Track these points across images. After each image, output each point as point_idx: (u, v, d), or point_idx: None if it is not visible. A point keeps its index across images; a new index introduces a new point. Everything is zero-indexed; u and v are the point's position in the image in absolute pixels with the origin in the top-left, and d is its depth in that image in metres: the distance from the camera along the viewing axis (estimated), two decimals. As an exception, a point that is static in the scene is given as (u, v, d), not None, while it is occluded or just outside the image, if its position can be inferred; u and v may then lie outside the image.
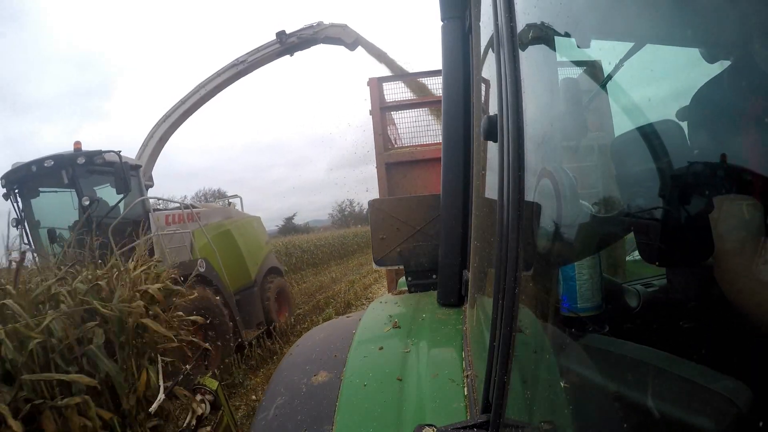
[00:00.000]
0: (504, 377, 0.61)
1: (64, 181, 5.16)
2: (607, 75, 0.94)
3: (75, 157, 5.14)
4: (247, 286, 7.13)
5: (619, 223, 0.81)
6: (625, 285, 1.04)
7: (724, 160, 0.60)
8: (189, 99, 7.88)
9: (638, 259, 0.92)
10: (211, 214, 7.11)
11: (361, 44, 7.73)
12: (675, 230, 0.67)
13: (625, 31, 0.89)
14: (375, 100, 5.02)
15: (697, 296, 0.74)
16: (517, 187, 0.59)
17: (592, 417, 0.65)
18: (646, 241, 0.77)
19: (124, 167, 5.26)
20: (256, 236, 8.05)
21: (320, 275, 15.78)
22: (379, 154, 4.93)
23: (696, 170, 0.65)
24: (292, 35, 7.86)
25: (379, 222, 1.84)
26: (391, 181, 4.92)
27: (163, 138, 7.74)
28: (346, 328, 1.45)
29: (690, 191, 0.65)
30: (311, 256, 19.16)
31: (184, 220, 6.19)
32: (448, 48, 1.46)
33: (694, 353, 0.58)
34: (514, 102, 0.60)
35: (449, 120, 1.49)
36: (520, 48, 0.65)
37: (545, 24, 0.74)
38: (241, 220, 7.80)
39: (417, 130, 5.25)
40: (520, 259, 0.59)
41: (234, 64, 7.97)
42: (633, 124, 0.85)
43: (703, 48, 0.82)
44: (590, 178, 0.96)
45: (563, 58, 0.89)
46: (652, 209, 0.72)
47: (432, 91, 5.30)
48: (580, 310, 0.82)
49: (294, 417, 1.05)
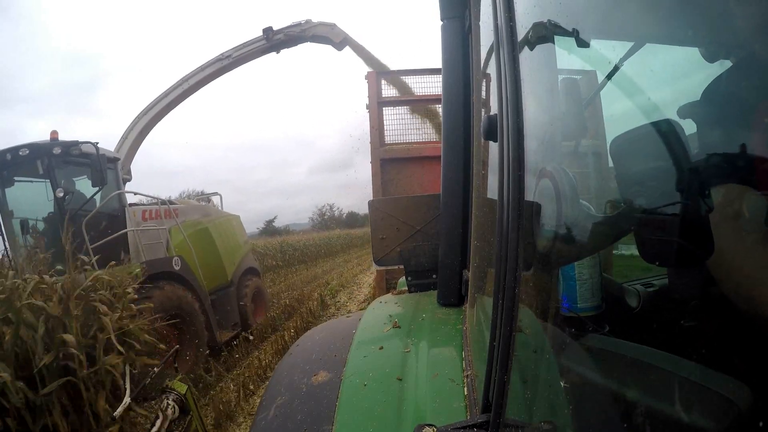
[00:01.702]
0: (504, 377, 0.61)
1: (39, 171, 5.00)
2: (607, 75, 0.94)
3: (51, 147, 4.98)
4: (223, 286, 7.02)
5: (619, 223, 0.81)
6: (625, 285, 1.04)
7: (724, 159, 0.60)
8: (172, 92, 7.77)
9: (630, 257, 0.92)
10: (189, 211, 6.99)
11: (348, 44, 7.62)
12: (675, 230, 0.67)
13: (625, 31, 0.89)
14: (373, 95, 4.96)
15: (697, 296, 0.74)
16: (517, 187, 0.59)
17: (592, 417, 0.65)
18: (646, 241, 0.77)
19: (101, 159, 5.09)
20: (234, 235, 7.92)
21: (311, 269, 18.13)
22: (374, 149, 4.87)
23: (696, 169, 0.65)
24: (279, 32, 7.75)
25: (379, 222, 1.84)
26: (385, 177, 4.87)
27: (144, 131, 7.62)
28: (346, 328, 1.45)
29: (690, 191, 0.65)
30: (302, 254, 21.33)
31: (161, 216, 6.07)
32: (448, 48, 1.46)
33: (694, 353, 0.58)
34: (514, 102, 0.60)
35: (449, 119, 1.49)
36: (520, 48, 0.65)
37: (545, 24, 0.74)
38: (219, 218, 7.68)
39: (404, 128, 5.17)
40: (520, 259, 0.59)
41: (219, 58, 7.85)
42: (633, 124, 0.85)
43: (703, 47, 0.82)
44: (587, 181, 0.96)
45: (562, 60, 0.89)
46: (651, 209, 0.72)
47: (414, 90, 5.24)
48: (580, 310, 0.82)
49: (294, 417, 1.05)
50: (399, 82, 5.30)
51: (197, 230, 6.74)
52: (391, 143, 5.07)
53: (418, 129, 5.16)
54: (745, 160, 0.56)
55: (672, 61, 0.86)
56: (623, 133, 0.82)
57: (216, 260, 6.95)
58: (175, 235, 6.12)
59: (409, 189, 4.84)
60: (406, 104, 5.17)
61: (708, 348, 0.57)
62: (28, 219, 5.14)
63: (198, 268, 6.11)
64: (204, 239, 6.79)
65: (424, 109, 5.19)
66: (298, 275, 16.04)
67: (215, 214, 7.72)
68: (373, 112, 4.95)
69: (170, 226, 6.09)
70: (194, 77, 7.85)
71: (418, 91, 5.29)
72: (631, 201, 0.80)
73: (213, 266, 6.80)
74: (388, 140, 5.08)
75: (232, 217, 8.24)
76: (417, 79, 5.31)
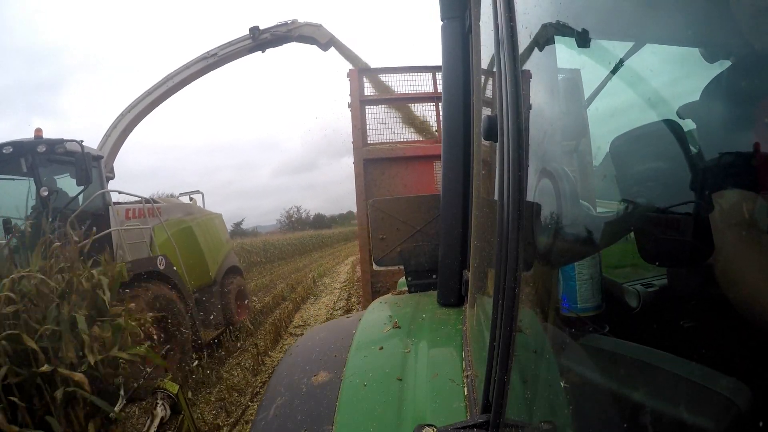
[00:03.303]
0: (504, 377, 0.61)
1: (23, 169, 4.91)
2: (608, 74, 0.94)
3: (35, 145, 4.85)
4: (206, 285, 6.99)
5: (619, 223, 0.81)
6: (625, 285, 1.04)
7: (724, 159, 0.60)
8: (155, 90, 7.69)
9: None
10: (172, 209, 6.91)
11: (334, 45, 7.56)
12: (675, 230, 0.67)
13: (625, 31, 0.89)
14: (355, 93, 4.79)
15: (697, 296, 0.74)
16: (517, 187, 0.59)
17: (592, 417, 0.65)
18: (646, 241, 0.77)
19: (86, 158, 4.99)
20: (217, 234, 7.89)
21: (292, 264, 21.35)
22: (357, 149, 4.71)
23: (696, 169, 0.65)
24: (265, 31, 7.70)
25: (379, 222, 1.84)
26: (368, 178, 4.70)
27: (127, 129, 7.56)
28: (346, 328, 1.45)
29: (690, 191, 0.65)
30: (281, 252, 24.55)
31: (144, 215, 6.00)
32: (447, 48, 1.46)
33: (694, 353, 0.58)
34: (514, 102, 0.60)
35: (449, 120, 1.49)
36: (520, 48, 0.65)
37: (545, 24, 0.74)
38: (202, 217, 7.63)
39: (387, 127, 5.00)
40: (520, 259, 0.59)
41: (204, 57, 7.79)
42: (633, 124, 0.85)
43: (703, 47, 0.82)
44: (586, 180, 0.96)
45: (562, 60, 0.89)
46: (651, 209, 0.72)
47: (396, 89, 5.05)
48: (580, 310, 0.82)
49: (294, 417, 1.05)
50: (378, 82, 5.11)
51: (181, 229, 6.66)
52: (374, 143, 4.91)
53: (402, 128, 4.99)
54: (745, 160, 0.56)
55: (672, 61, 0.86)
56: (623, 133, 0.82)
57: (199, 259, 6.91)
58: (159, 234, 6.06)
59: (393, 190, 4.68)
60: (390, 103, 4.97)
61: (708, 348, 0.57)
62: (11, 218, 4.97)
63: (182, 267, 6.05)
64: (187, 238, 6.73)
65: (407, 108, 5.03)
66: (283, 269, 19.08)
67: (198, 213, 7.66)
68: (356, 111, 4.76)
69: (154, 225, 6.03)
70: (178, 75, 7.76)
71: (402, 90, 5.07)
72: (630, 201, 0.80)
73: (196, 265, 6.72)
74: (371, 140, 4.92)
75: (214, 216, 8.18)
76: (400, 78, 5.07)
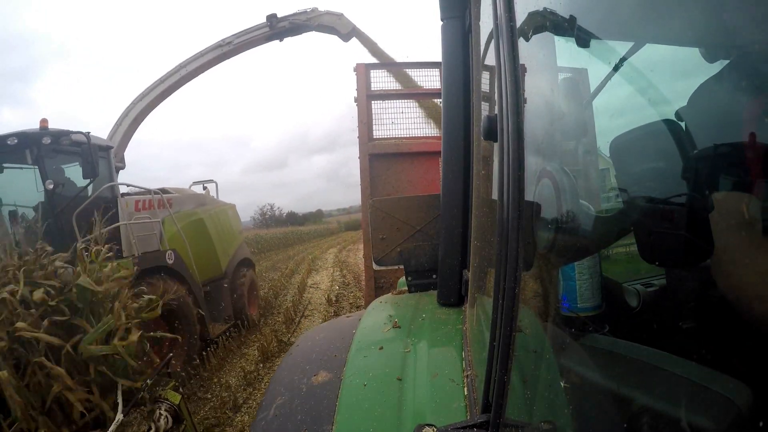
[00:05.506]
0: (504, 377, 0.61)
1: (28, 161, 4.81)
2: (608, 74, 0.94)
3: (40, 137, 4.76)
4: (216, 278, 6.82)
5: (619, 223, 0.81)
6: (625, 285, 1.04)
7: (723, 160, 0.60)
8: (168, 78, 7.50)
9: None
10: (184, 200, 6.70)
11: (356, 36, 7.37)
12: (675, 230, 0.67)
13: (625, 31, 0.89)
14: (361, 88, 4.76)
15: (697, 296, 0.74)
16: (517, 187, 0.59)
17: (592, 417, 0.65)
18: (646, 241, 0.77)
19: (92, 150, 4.87)
20: (230, 225, 7.68)
21: (282, 254, 24.80)
22: (363, 144, 4.68)
23: (695, 169, 0.65)
24: (283, 19, 7.49)
25: (379, 222, 1.84)
26: (374, 173, 4.68)
27: (138, 118, 7.39)
28: (346, 328, 1.45)
29: (689, 191, 0.65)
30: (269, 244, 29.01)
31: (154, 207, 5.81)
32: (447, 48, 1.46)
33: (694, 353, 0.58)
34: (514, 102, 0.60)
35: (449, 120, 1.49)
36: (520, 48, 0.65)
37: (545, 24, 0.74)
38: (215, 208, 7.43)
39: (393, 122, 4.94)
40: (520, 259, 0.59)
41: (219, 45, 7.57)
42: (633, 124, 0.85)
43: (703, 47, 0.82)
44: (583, 181, 0.96)
45: (562, 60, 0.89)
46: (651, 209, 0.72)
47: (417, 82, 4.98)
48: (580, 310, 0.82)
49: (294, 417, 1.05)
50: (404, 76, 5.02)
51: (191, 221, 6.49)
52: (380, 138, 4.86)
53: (408, 124, 4.94)
54: (741, 159, 0.56)
55: (672, 61, 0.86)
56: (623, 133, 0.82)
57: (210, 252, 6.74)
58: (169, 227, 5.91)
59: (398, 185, 4.67)
60: (397, 98, 4.91)
61: (708, 348, 0.57)
62: (18, 209, 4.95)
63: (192, 261, 5.94)
64: (198, 230, 6.55)
65: (417, 103, 4.96)
66: (276, 258, 22.53)
67: (211, 204, 7.45)
68: (362, 106, 4.72)
69: (164, 217, 5.88)
70: (192, 63, 7.56)
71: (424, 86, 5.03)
72: (630, 201, 0.80)
73: (207, 258, 6.59)
74: (377, 135, 4.87)
75: (227, 207, 7.98)
76: (416, 73, 5.01)
